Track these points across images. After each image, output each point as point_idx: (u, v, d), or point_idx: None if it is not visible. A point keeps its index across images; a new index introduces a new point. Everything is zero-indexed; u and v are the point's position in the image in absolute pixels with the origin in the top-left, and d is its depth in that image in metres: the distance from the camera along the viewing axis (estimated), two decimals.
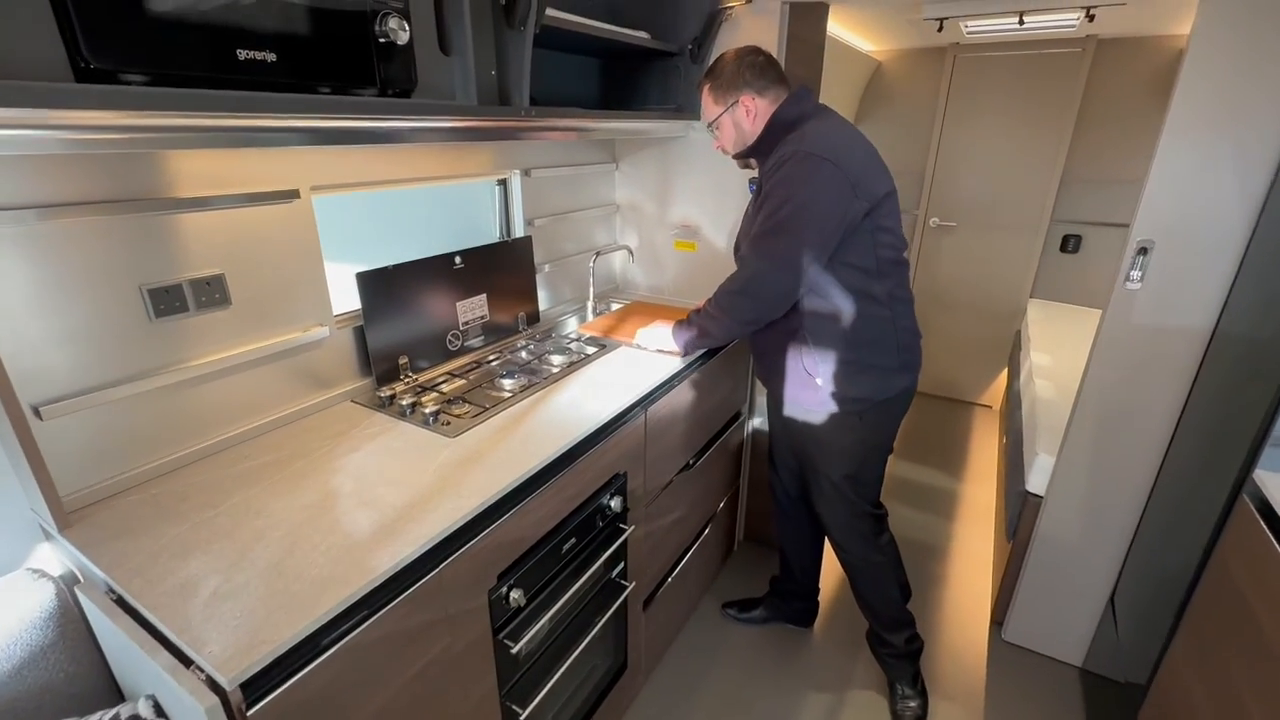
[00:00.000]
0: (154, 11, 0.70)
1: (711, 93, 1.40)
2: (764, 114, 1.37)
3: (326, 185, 1.26)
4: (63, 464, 0.96)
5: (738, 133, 1.40)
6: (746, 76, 1.35)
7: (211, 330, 1.12)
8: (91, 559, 0.87)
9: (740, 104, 1.36)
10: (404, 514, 0.96)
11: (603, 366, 1.58)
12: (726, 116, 1.39)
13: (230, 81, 0.79)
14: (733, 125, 1.40)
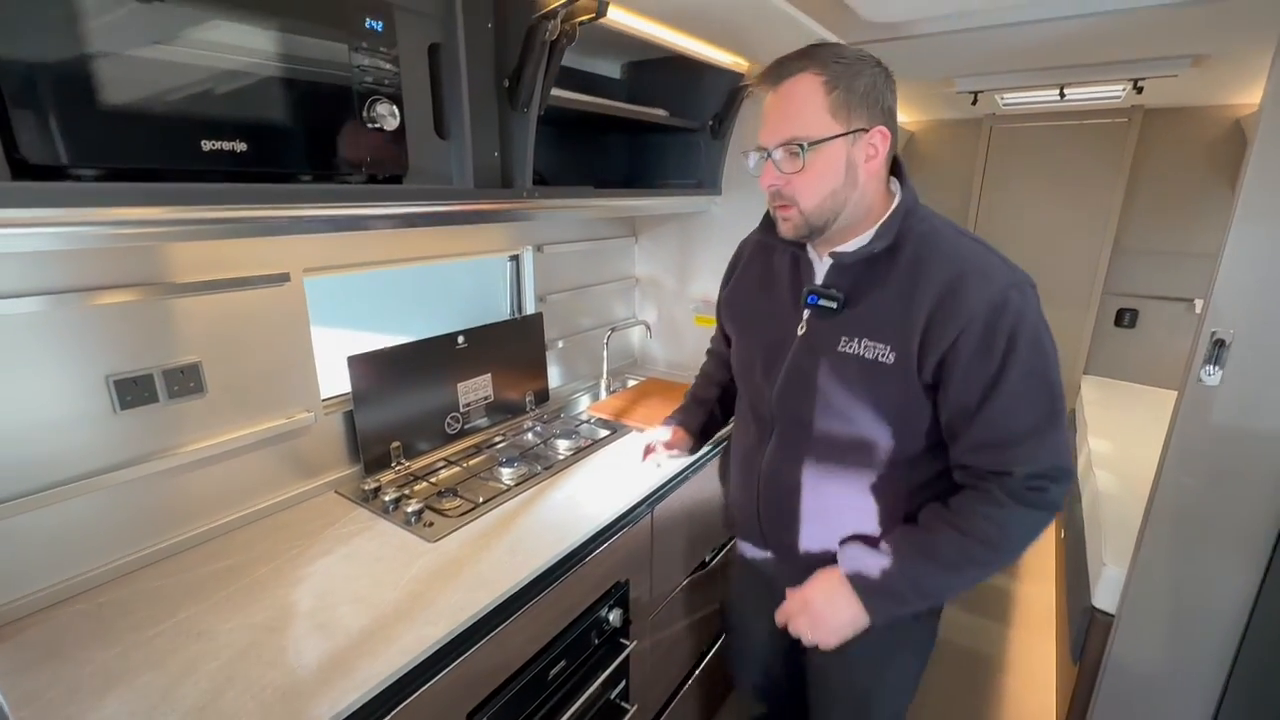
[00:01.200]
0: (104, 105, 0.66)
1: (830, 95, 0.79)
2: (882, 171, 0.85)
3: (319, 267, 1.21)
4: (6, 569, 0.88)
5: (838, 181, 0.82)
6: (888, 100, 0.82)
7: (184, 420, 1.05)
8: (3, 690, 0.77)
9: (869, 137, 0.81)
10: (360, 643, 0.84)
11: (611, 454, 1.46)
12: (839, 146, 0.80)
13: (196, 174, 0.74)
14: (841, 167, 0.81)
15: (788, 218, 0.86)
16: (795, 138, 0.80)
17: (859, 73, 0.79)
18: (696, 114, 1.75)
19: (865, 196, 0.85)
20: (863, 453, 0.90)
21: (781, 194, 0.85)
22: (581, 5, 1.03)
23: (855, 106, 0.79)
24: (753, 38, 1.31)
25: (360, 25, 0.88)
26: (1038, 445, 0.80)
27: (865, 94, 0.80)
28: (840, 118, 0.79)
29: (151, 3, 0.67)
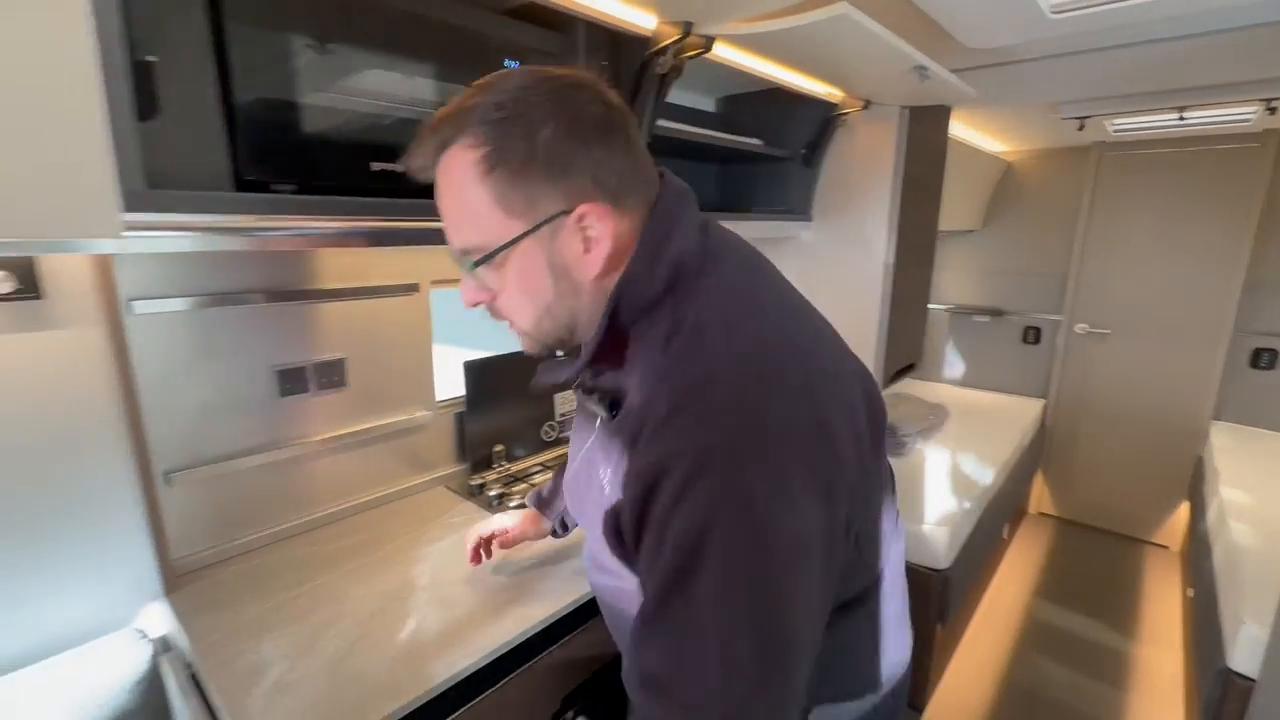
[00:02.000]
0: (304, 134, 0.80)
1: (489, 177, 0.52)
2: (618, 255, 0.56)
3: (444, 280, 1.34)
4: (180, 529, 1.02)
5: (548, 295, 0.57)
6: (598, 146, 0.54)
7: (328, 410, 1.19)
8: (184, 626, 0.89)
9: (573, 221, 0.54)
10: (472, 618, 0.91)
11: None
12: (531, 250, 0.55)
13: (365, 190, 0.87)
14: (542, 276, 0.57)
15: (519, 336, 0.63)
16: (470, 247, 0.56)
17: (530, 125, 0.51)
18: (788, 143, 1.80)
19: (602, 295, 0.57)
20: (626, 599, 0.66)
21: (493, 311, 0.61)
22: (690, 42, 1.12)
23: (535, 183, 0.52)
24: (850, 67, 1.35)
25: (499, 64, 1.00)
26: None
27: (549, 158, 0.51)
28: (515, 209, 0.53)
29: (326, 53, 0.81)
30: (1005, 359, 3.29)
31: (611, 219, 0.55)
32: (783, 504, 0.47)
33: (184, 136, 0.71)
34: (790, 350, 0.54)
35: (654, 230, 0.56)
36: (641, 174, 0.57)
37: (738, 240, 0.64)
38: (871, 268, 1.83)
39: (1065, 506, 3.21)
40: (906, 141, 1.74)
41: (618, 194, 0.55)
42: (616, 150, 0.54)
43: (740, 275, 0.59)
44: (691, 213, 0.60)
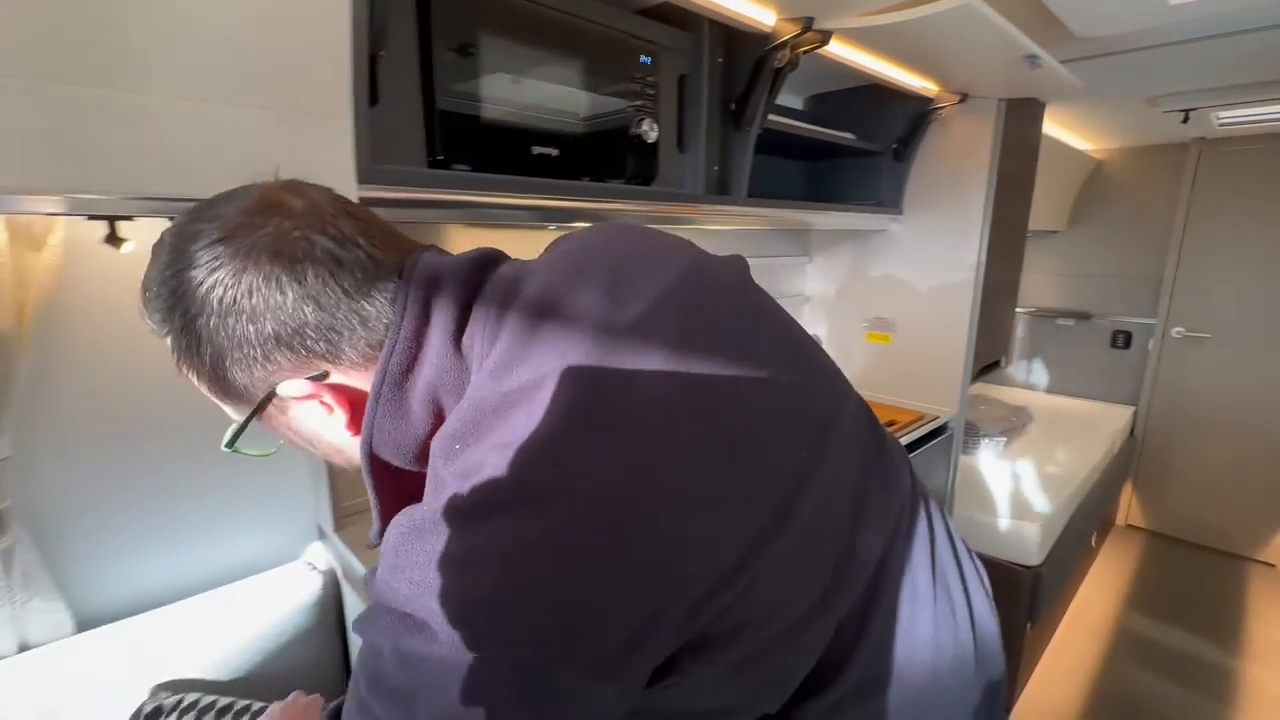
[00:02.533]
0: (482, 121, 0.91)
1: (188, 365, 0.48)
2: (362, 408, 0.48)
3: None
4: (344, 477, 1.15)
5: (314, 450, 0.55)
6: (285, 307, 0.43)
7: None
8: (357, 556, 1.01)
9: (295, 401, 0.49)
10: None
11: None
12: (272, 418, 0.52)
13: (526, 170, 0.97)
14: (294, 437, 0.54)
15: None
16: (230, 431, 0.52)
17: (197, 319, 0.44)
18: (879, 138, 1.84)
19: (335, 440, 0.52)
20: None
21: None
22: (808, 37, 1.19)
23: (228, 374, 0.46)
24: (958, 58, 1.38)
25: (637, 60, 1.10)
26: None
27: (222, 355, 0.45)
28: (230, 396, 0.49)
29: (497, 54, 0.92)
30: (1091, 364, 3.18)
31: (336, 381, 0.47)
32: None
33: (396, 121, 0.83)
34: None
35: (387, 372, 0.45)
36: (364, 305, 0.45)
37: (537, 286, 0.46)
38: (962, 262, 1.84)
39: (1158, 519, 3.07)
40: (1002, 136, 1.75)
41: (335, 353, 0.45)
42: (323, 295, 0.43)
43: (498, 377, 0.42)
44: (441, 315, 0.46)
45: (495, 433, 0.39)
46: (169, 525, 1.03)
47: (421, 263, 0.47)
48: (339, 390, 0.47)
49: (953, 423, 1.88)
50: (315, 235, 0.43)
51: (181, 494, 1.03)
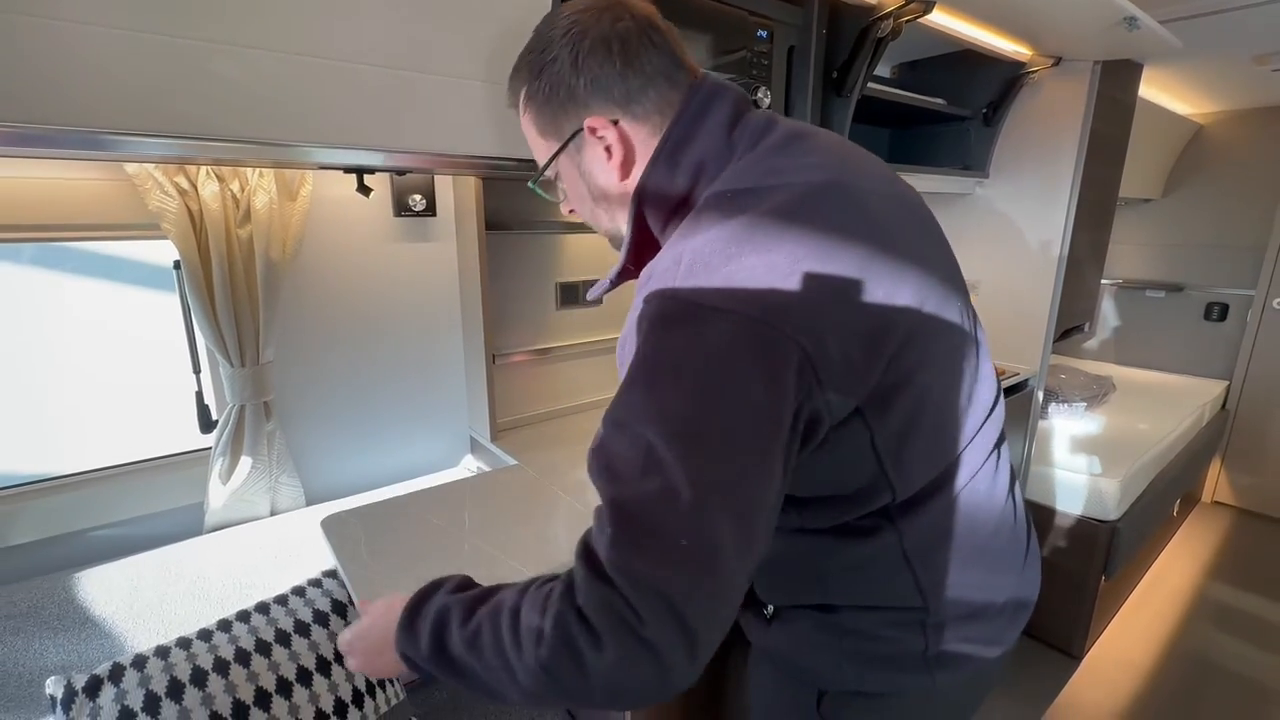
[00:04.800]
0: None
1: (531, 107, 0.64)
2: (640, 164, 0.62)
3: None
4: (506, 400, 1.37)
5: (589, 203, 0.68)
6: (598, 69, 0.59)
7: (586, 321, 1.51)
8: (517, 459, 1.23)
9: (587, 136, 0.62)
10: None
11: None
12: (566, 165, 0.66)
13: None
14: (581, 188, 0.67)
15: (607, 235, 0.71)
16: (540, 167, 0.66)
17: (547, 59, 0.60)
18: (968, 103, 1.90)
19: (617, 204, 0.65)
20: None
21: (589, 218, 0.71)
22: (911, 7, 1.29)
23: (557, 107, 0.61)
24: (1055, 21, 1.45)
25: (754, 35, 1.24)
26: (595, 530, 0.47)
27: (556, 85, 0.60)
28: (550, 130, 0.63)
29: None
30: (1181, 337, 3.10)
31: (623, 127, 0.60)
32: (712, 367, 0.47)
33: None
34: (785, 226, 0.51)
35: (671, 134, 0.59)
36: (659, 83, 0.59)
37: (791, 125, 0.63)
38: (1049, 225, 1.89)
39: (1247, 495, 2.99)
40: (1096, 99, 1.78)
41: (627, 104, 0.59)
42: (632, 63, 0.58)
43: (765, 158, 0.58)
44: (719, 112, 0.60)
45: (765, 199, 0.53)
46: (363, 428, 1.28)
47: (711, 77, 0.63)
48: (623, 138, 0.60)
49: (1033, 381, 1.94)
50: (644, 27, 0.60)
51: (374, 402, 1.28)
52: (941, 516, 0.62)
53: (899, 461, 0.57)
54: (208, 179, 0.96)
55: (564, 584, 0.46)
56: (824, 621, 0.66)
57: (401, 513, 1.00)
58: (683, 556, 0.43)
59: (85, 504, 1.03)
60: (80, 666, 0.84)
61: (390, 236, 1.22)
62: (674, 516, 0.44)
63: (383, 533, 0.93)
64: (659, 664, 0.42)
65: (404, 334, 1.29)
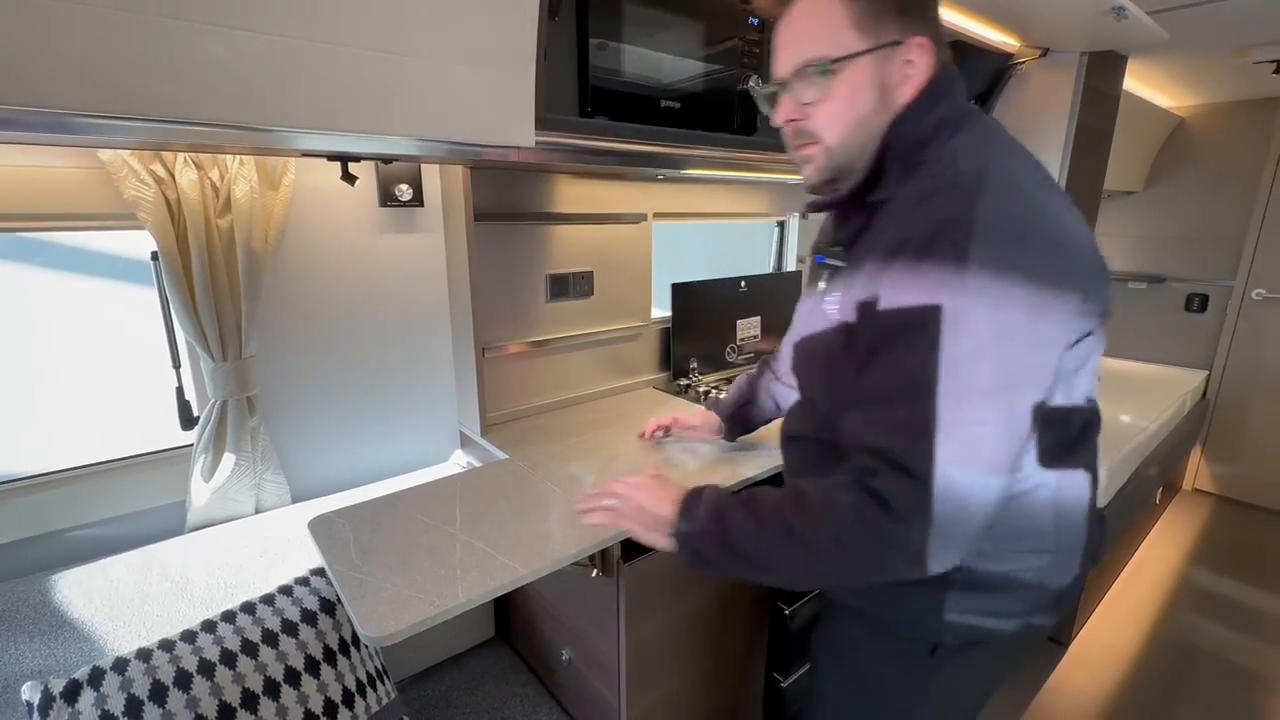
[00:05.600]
0: (621, 78, 1.06)
1: (849, 6, 0.64)
2: (923, 93, 0.66)
3: (664, 213, 1.60)
4: (497, 392, 1.35)
5: (868, 108, 0.66)
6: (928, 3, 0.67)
7: (578, 313, 1.49)
8: (508, 454, 1.21)
9: (903, 51, 0.65)
10: (717, 464, 1.16)
11: None
12: (866, 65, 0.65)
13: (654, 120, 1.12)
14: (870, 90, 0.66)
15: (809, 158, 0.71)
16: (813, 59, 0.65)
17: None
18: None
19: (878, 131, 0.67)
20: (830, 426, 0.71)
21: (802, 130, 0.69)
22: None
23: (884, 14, 0.64)
24: (1041, 11, 1.45)
25: (745, 22, 1.22)
26: (883, 415, 0.59)
27: (878, 3, 0.63)
28: (867, 30, 0.64)
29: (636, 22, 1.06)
30: (1162, 328, 3.14)
31: (931, 58, 0.65)
32: (996, 290, 0.55)
33: (559, 79, 0.99)
34: (1030, 189, 0.62)
35: (939, 83, 0.66)
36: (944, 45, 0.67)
37: (993, 119, 0.73)
38: None
39: (1228, 484, 3.05)
40: (1083, 90, 1.79)
41: (940, 38, 0.66)
42: (938, 18, 0.67)
43: (991, 135, 0.67)
44: (961, 81, 0.69)
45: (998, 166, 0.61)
46: (352, 423, 1.25)
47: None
48: (922, 68, 0.65)
49: None
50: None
51: (363, 397, 1.25)
52: (1082, 468, 0.70)
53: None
54: (185, 167, 0.93)
55: (858, 473, 0.60)
56: (969, 575, 0.68)
57: (390, 511, 0.98)
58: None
59: (61, 503, 1.00)
60: (58, 671, 0.81)
61: (376, 227, 1.19)
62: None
63: (372, 533, 0.91)
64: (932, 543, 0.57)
65: (391, 327, 1.27)
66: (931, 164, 0.64)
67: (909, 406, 0.58)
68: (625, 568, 0.94)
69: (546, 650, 1.22)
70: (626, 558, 0.94)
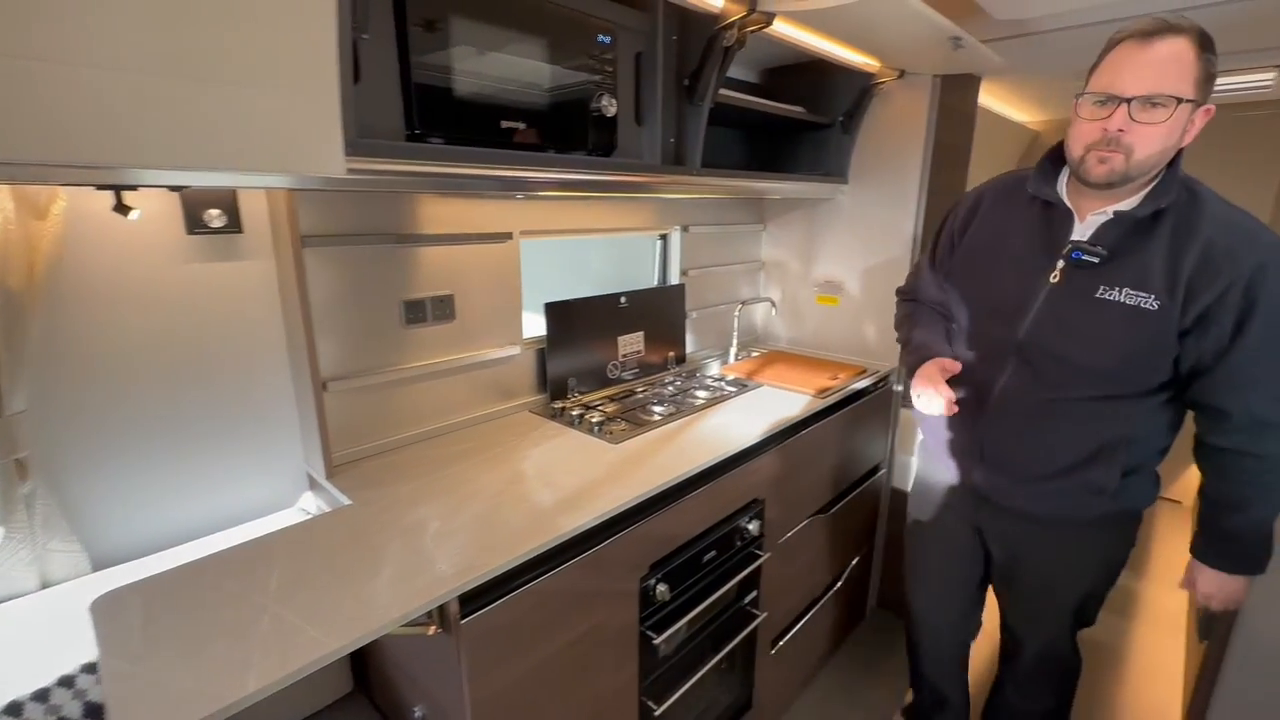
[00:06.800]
0: (454, 97, 1.00)
1: (1199, 64, 0.90)
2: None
3: (532, 231, 1.54)
4: (332, 429, 1.25)
5: (1173, 141, 0.95)
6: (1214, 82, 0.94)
7: (439, 339, 1.40)
8: (351, 499, 1.12)
9: (1202, 113, 0.95)
10: (580, 494, 1.12)
11: (745, 402, 1.69)
12: (1187, 112, 0.92)
13: (495, 143, 1.06)
14: (1179, 130, 0.94)
15: (1106, 160, 0.96)
16: (1166, 93, 0.90)
17: (1213, 52, 0.91)
18: (827, 111, 1.96)
19: (1162, 162, 0.97)
20: (1106, 384, 1.06)
21: (1119, 141, 0.94)
22: (754, 18, 1.29)
23: (1205, 82, 0.91)
24: (891, 39, 1.51)
25: (595, 40, 1.19)
26: (1270, 391, 0.97)
27: (1212, 73, 0.91)
28: (1199, 89, 0.91)
29: (467, 36, 1.00)
30: None
31: (1201, 124, 0.96)
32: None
33: (377, 99, 0.91)
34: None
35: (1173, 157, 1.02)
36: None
37: None
38: (902, 228, 1.99)
39: None
40: (938, 109, 1.89)
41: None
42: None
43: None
44: None
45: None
46: (173, 473, 1.12)
47: None
48: (1198, 126, 0.97)
49: (893, 377, 2.05)
50: None
51: (183, 444, 1.12)
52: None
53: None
54: None
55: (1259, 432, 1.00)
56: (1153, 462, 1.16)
57: (197, 580, 0.87)
58: None
59: None
60: None
61: (183, 257, 1.06)
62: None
63: (167, 611, 0.80)
64: None
65: (214, 363, 1.14)
66: (1192, 200, 1.03)
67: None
68: (463, 626, 0.88)
69: (402, 706, 1.14)
70: (466, 611, 0.88)
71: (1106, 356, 1.04)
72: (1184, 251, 0.97)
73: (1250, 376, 0.97)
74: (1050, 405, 1.11)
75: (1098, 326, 1.04)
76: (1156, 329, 0.99)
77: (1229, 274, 0.94)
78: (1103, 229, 1.05)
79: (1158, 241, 1.00)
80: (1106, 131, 0.95)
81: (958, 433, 1.26)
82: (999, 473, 1.22)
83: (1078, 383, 1.08)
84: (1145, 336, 1.00)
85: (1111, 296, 1.02)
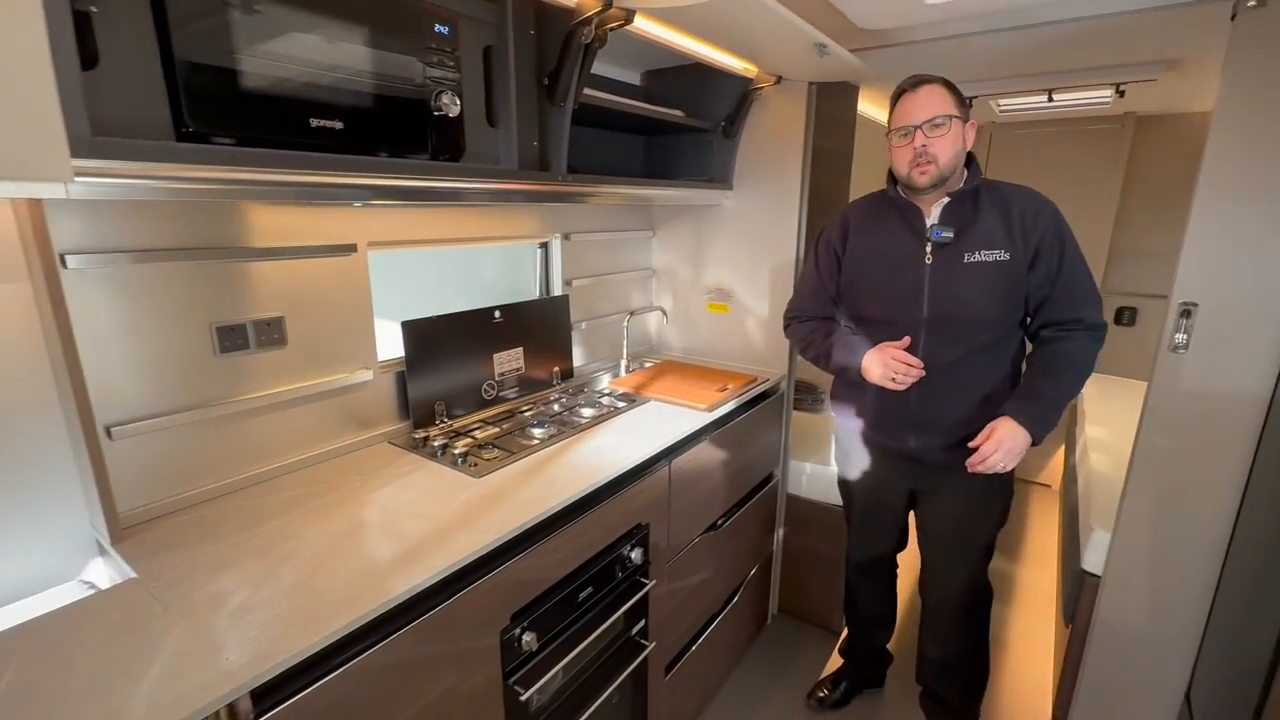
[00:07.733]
0: (244, 87, 0.84)
1: (951, 96, 1.27)
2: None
3: (382, 242, 1.38)
4: (123, 483, 1.04)
5: (959, 145, 1.29)
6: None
7: (268, 367, 1.22)
8: (136, 570, 0.93)
9: (968, 127, 1.31)
10: (423, 545, 0.99)
11: (631, 419, 1.61)
12: (959, 125, 1.27)
13: (304, 145, 0.91)
14: (960, 138, 1.28)
15: (925, 170, 1.28)
16: (942, 114, 1.25)
17: (958, 90, 1.30)
18: (709, 115, 1.92)
19: (960, 162, 1.31)
20: (990, 330, 1.34)
21: (925, 153, 1.26)
22: (611, 14, 1.21)
23: (961, 105, 1.29)
24: (758, 43, 1.47)
25: (431, 29, 1.06)
26: (1094, 301, 1.33)
27: (964, 100, 1.31)
28: (960, 110, 1.28)
29: (259, 12, 0.85)
30: None
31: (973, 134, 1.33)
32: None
33: (126, 87, 0.74)
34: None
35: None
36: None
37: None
38: (785, 234, 1.99)
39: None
40: (815, 116, 1.89)
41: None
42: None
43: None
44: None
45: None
46: None
47: None
48: (971, 139, 1.33)
49: (783, 383, 2.05)
50: None
51: None
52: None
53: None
54: None
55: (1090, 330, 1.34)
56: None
57: None
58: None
59: None
60: None
61: None
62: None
63: None
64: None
65: None
66: (989, 184, 1.38)
67: (1098, 297, 1.34)
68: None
69: None
70: (263, 709, 0.73)
71: (989, 305, 1.32)
72: (1008, 215, 1.31)
73: (1080, 288, 1.32)
74: (958, 363, 1.36)
75: (975, 283, 1.32)
76: (1014, 273, 1.30)
77: (1040, 224, 1.29)
78: (945, 212, 1.34)
79: (986, 213, 1.32)
80: (915, 150, 1.27)
81: (892, 406, 1.45)
82: (929, 433, 1.43)
83: (972, 337, 1.35)
84: (1009, 281, 1.30)
85: (976, 259, 1.31)
